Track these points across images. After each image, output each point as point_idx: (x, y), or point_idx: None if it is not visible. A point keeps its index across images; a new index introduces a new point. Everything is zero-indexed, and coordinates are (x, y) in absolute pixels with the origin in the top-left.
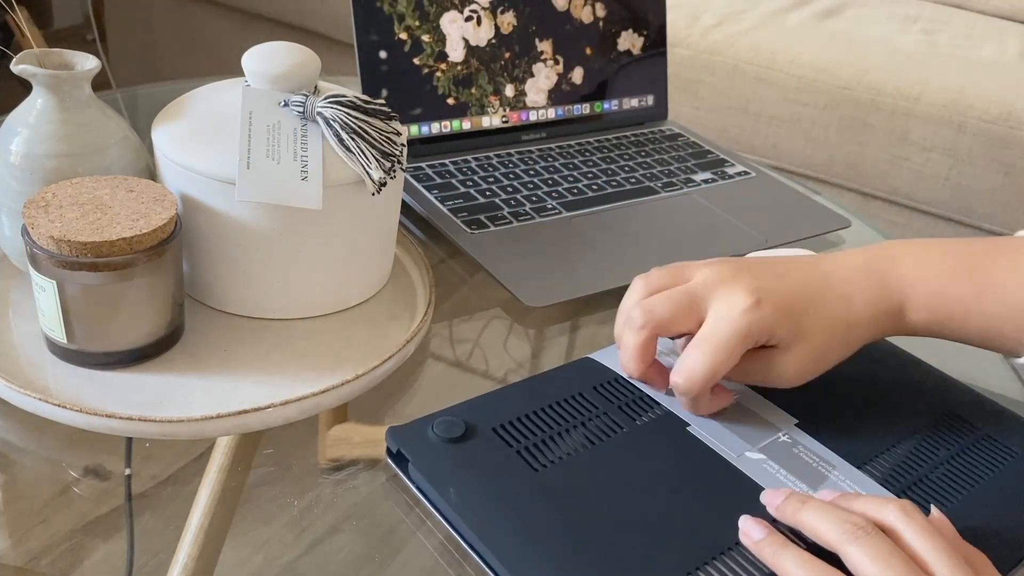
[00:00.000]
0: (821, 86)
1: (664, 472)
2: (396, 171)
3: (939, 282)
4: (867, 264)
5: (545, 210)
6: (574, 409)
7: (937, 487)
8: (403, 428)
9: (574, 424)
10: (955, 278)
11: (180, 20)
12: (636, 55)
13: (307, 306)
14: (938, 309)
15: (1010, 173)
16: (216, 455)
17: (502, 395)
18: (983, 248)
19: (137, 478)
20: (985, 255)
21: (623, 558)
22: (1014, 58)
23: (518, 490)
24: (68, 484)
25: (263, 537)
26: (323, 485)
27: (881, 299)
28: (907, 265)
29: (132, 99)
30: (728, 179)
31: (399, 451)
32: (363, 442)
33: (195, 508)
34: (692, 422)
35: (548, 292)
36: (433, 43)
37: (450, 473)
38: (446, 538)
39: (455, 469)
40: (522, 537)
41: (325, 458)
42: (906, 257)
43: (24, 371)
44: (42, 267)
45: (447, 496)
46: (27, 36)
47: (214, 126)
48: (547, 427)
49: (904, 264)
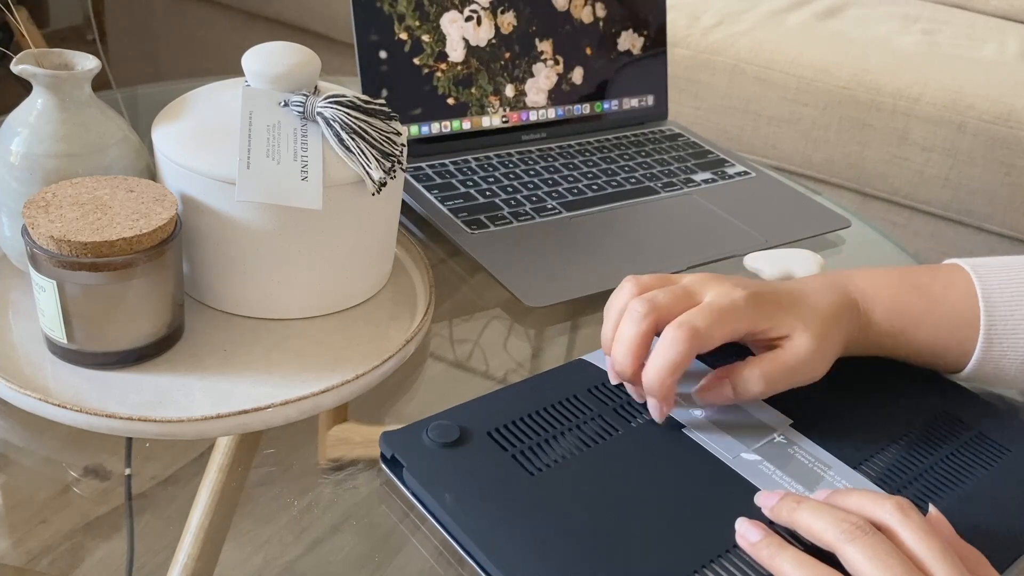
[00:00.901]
0: (821, 86)
1: (660, 475)
2: (396, 171)
3: (891, 296)
4: (828, 281)
5: (545, 210)
6: (568, 412)
7: (932, 486)
8: (397, 433)
9: (568, 427)
10: (905, 294)
11: (180, 20)
12: (636, 55)
13: (307, 306)
14: (894, 321)
15: (1010, 173)
16: (216, 455)
17: (496, 398)
18: (920, 271)
19: (137, 478)
20: (923, 275)
21: (619, 562)
22: (1014, 58)
23: (513, 494)
24: (68, 484)
25: (263, 537)
26: (323, 485)
27: (850, 301)
28: (863, 283)
29: (132, 99)
30: (728, 179)
31: (393, 456)
32: (363, 442)
33: (195, 508)
34: (687, 424)
35: (548, 292)
36: (433, 43)
37: (445, 478)
38: (445, 539)
39: (450, 474)
40: (518, 542)
41: (325, 458)
42: (858, 278)
43: (24, 371)
44: (42, 267)
45: (442, 501)
46: (27, 36)
47: (214, 126)
48: (541, 430)
49: (860, 282)
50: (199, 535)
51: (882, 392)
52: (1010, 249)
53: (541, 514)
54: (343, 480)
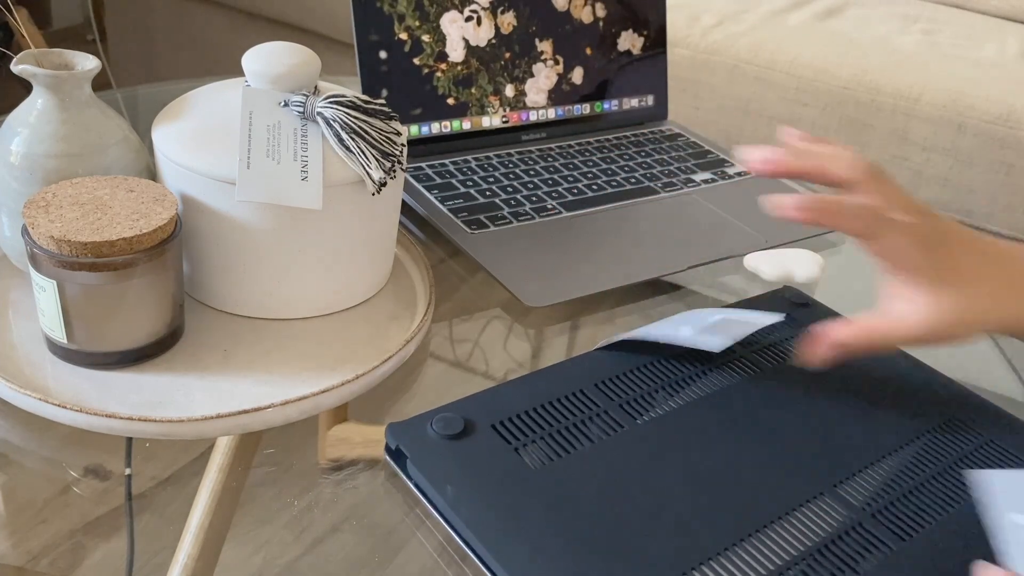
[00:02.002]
0: (821, 86)
1: (662, 471)
2: (396, 171)
3: None
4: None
5: (545, 210)
6: (574, 407)
7: (938, 495)
8: (402, 425)
9: (574, 422)
10: None
11: (180, 20)
12: (636, 55)
13: (307, 306)
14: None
15: (1010, 173)
16: (216, 455)
17: (502, 391)
18: None
19: (137, 478)
20: None
21: (620, 557)
22: (1014, 58)
23: (516, 488)
24: (68, 484)
25: (263, 537)
26: (323, 485)
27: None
28: None
29: (132, 99)
30: (728, 179)
31: (398, 448)
32: (363, 442)
33: (195, 508)
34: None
35: (548, 292)
36: (433, 43)
37: (448, 470)
38: (445, 538)
39: (453, 466)
40: (519, 536)
41: (325, 458)
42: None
43: (24, 371)
44: (42, 267)
45: (444, 494)
46: (27, 36)
47: (214, 126)
48: (546, 424)
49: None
50: (199, 535)
51: (892, 396)
52: None
53: (542, 509)
54: (343, 480)
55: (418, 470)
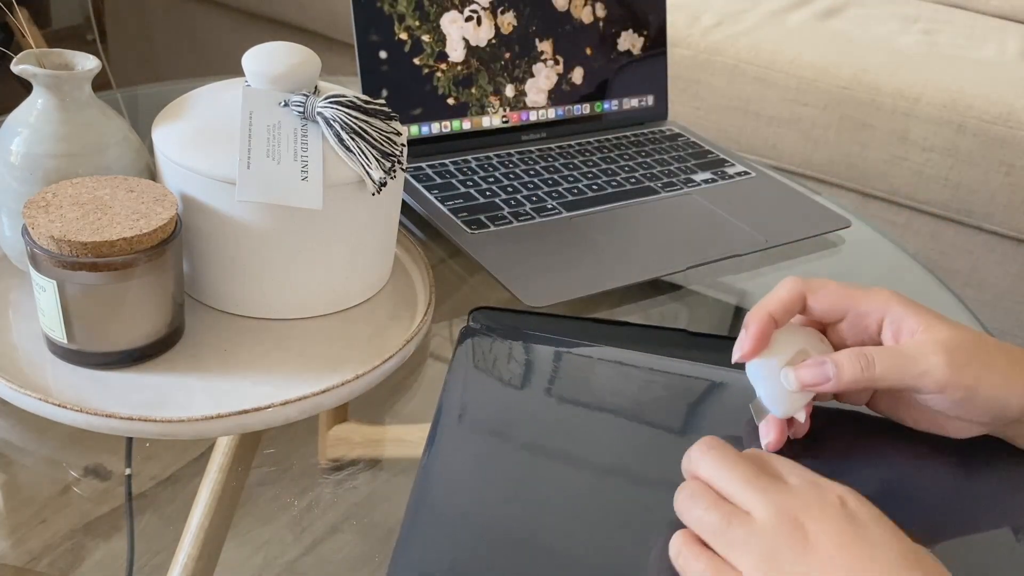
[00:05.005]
0: (821, 86)
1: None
2: (396, 171)
3: None
4: None
5: (545, 210)
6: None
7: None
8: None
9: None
10: None
11: (180, 20)
12: (636, 55)
13: (307, 306)
14: None
15: (1010, 173)
16: (216, 455)
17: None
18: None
19: (137, 478)
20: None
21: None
22: (1014, 58)
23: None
24: (68, 484)
25: (263, 537)
26: (323, 485)
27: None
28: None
29: (132, 99)
30: (728, 179)
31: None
32: (363, 442)
33: (195, 508)
34: None
35: (548, 292)
36: (433, 43)
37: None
38: None
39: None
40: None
41: (325, 458)
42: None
43: (24, 371)
44: (42, 267)
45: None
46: (27, 36)
47: (214, 126)
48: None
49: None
50: (199, 535)
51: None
52: (1009, 249)
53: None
54: (343, 480)
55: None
